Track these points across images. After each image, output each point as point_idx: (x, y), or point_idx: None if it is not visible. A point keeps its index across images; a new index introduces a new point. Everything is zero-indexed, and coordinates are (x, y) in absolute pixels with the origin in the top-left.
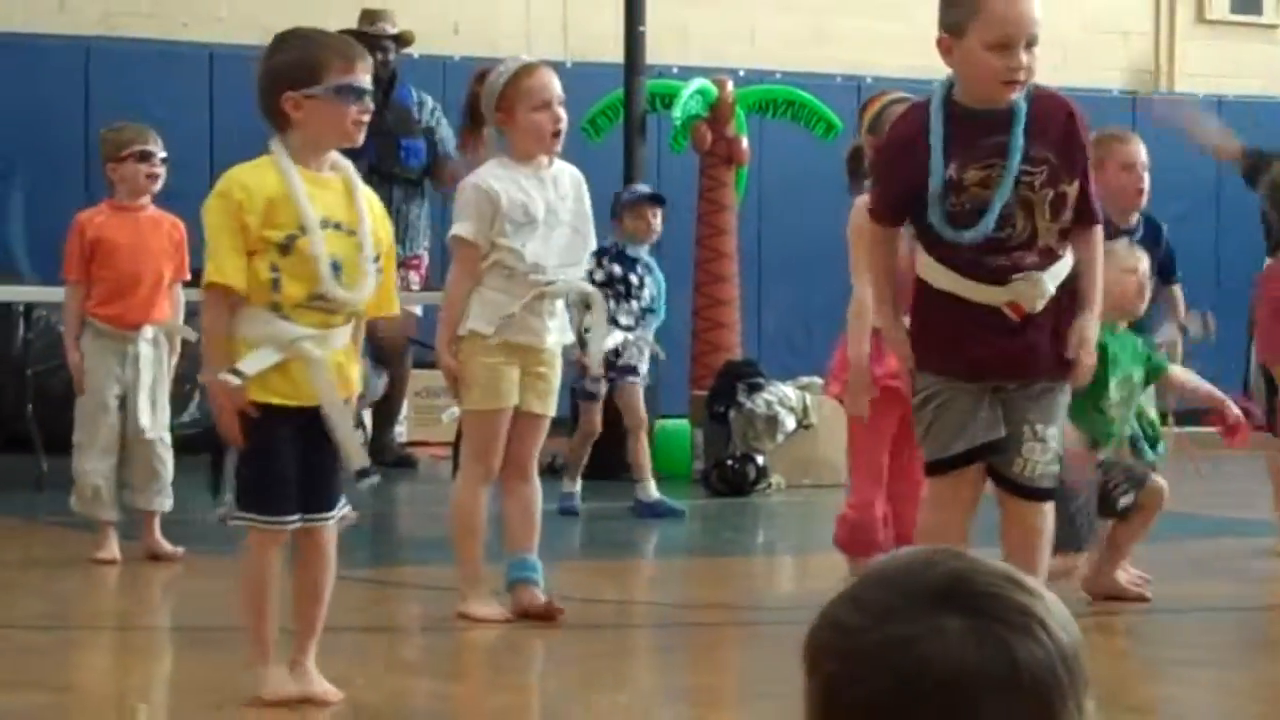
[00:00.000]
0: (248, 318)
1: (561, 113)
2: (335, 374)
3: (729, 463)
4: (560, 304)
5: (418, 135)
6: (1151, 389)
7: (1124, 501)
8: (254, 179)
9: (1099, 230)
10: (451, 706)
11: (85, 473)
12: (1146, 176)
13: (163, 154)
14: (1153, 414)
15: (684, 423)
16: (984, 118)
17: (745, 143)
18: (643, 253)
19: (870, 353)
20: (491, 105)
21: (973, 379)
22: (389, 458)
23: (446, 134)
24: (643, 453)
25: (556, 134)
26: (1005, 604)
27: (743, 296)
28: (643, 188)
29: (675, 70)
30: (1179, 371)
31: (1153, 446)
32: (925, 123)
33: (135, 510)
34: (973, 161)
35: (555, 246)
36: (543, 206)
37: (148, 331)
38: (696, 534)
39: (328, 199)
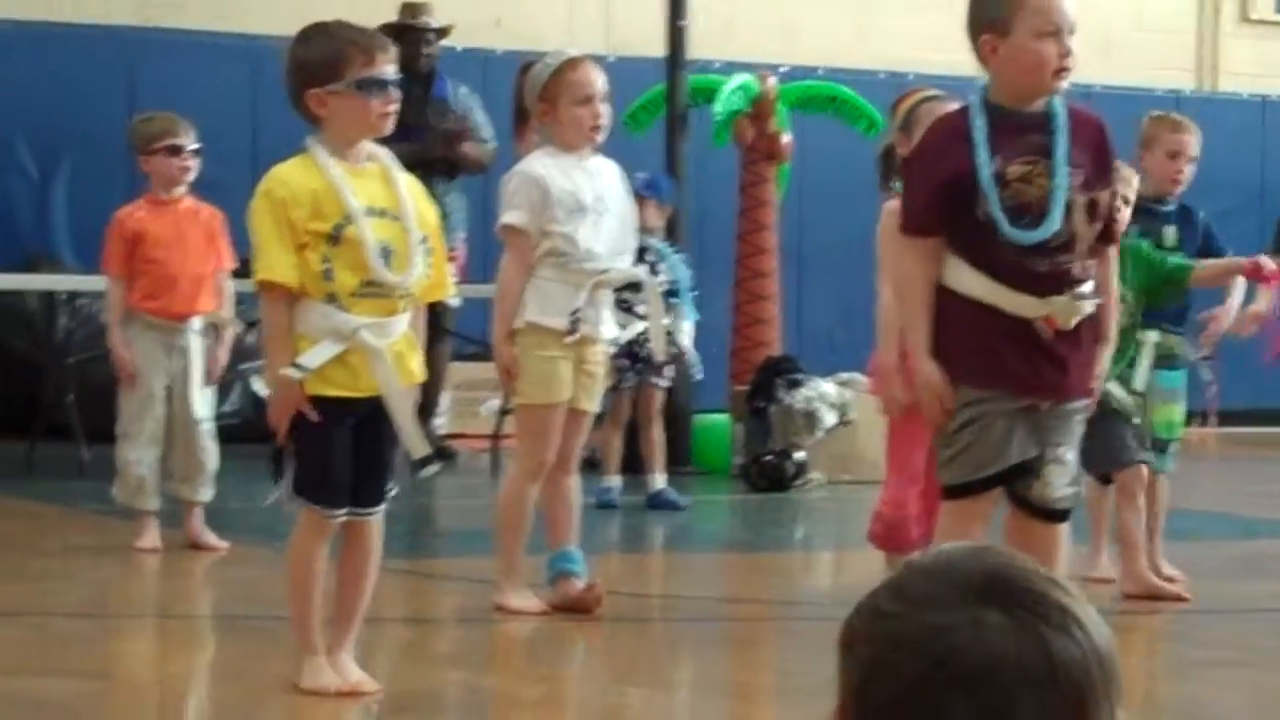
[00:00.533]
0: (305, 312)
1: (603, 108)
2: (395, 363)
3: (768, 458)
4: (611, 295)
5: (455, 127)
6: (1182, 388)
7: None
8: (295, 175)
9: (1115, 250)
10: (485, 699)
11: (130, 463)
12: (1188, 169)
13: (194, 145)
14: (1176, 415)
15: (724, 418)
16: (1022, 118)
17: (787, 139)
18: (651, 241)
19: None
20: (534, 97)
21: (1016, 394)
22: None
23: (481, 119)
24: (651, 445)
25: (596, 128)
26: (1044, 601)
27: (784, 292)
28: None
29: (718, 65)
30: (1202, 265)
31: (1162, 452)
32: (965, 122)
33: (179, 500)
34: (1015, 156)
35: (605, 234)
36: (591, 194)
37: (195, 323)
38: (735, 529)
39: (369, 188)
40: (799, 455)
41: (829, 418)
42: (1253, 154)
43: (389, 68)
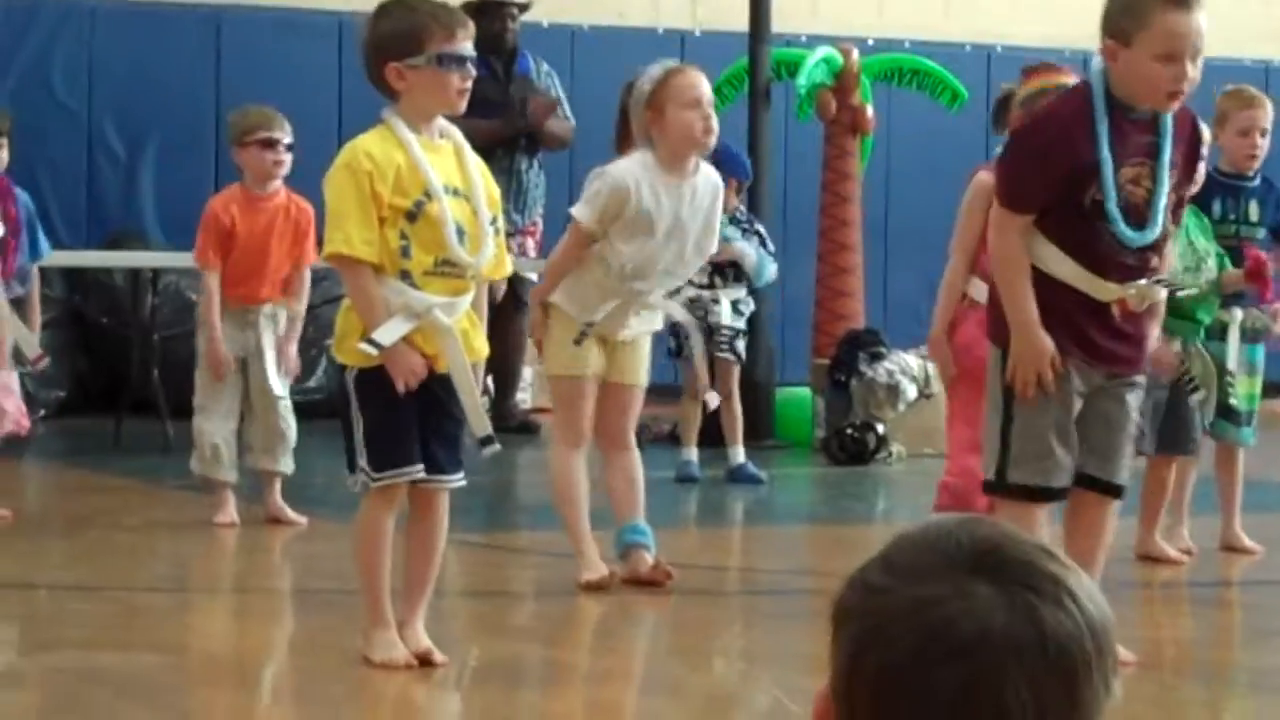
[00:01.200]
0: (380, 287)
1: (711, 112)
2: (461, 340)
3: (849, 431)
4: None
5: None
6: (1260, 360)
7: (1196, 396)
8: (379, 148)
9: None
10: (557, 672)
11: (205, 432)
12: (1263, 143)
13: (288, 139)
14: (1256, 388)
15: (805, 391)
16: (1136, 116)
17: (870, 111)
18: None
19: (960, 327)
20: (641, 106)
21: (1088, 362)
22: (511, 423)
23: (561, 95)
24: (731, 418)
25: (708, 131)
26: (1036, 572)
27: (869, 265)
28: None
29: (804, 39)
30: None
31: (1242, 425)
32: (1087, 112)
33: (259, 471)
34: (1128, 157)
35: (665, 257)
36: (669, 218)
37: (267, 307)
38: (817, 502)
39: (444, 165)
40: (880, 428)
41: (910, 391)
42: None
43: (468, 44)
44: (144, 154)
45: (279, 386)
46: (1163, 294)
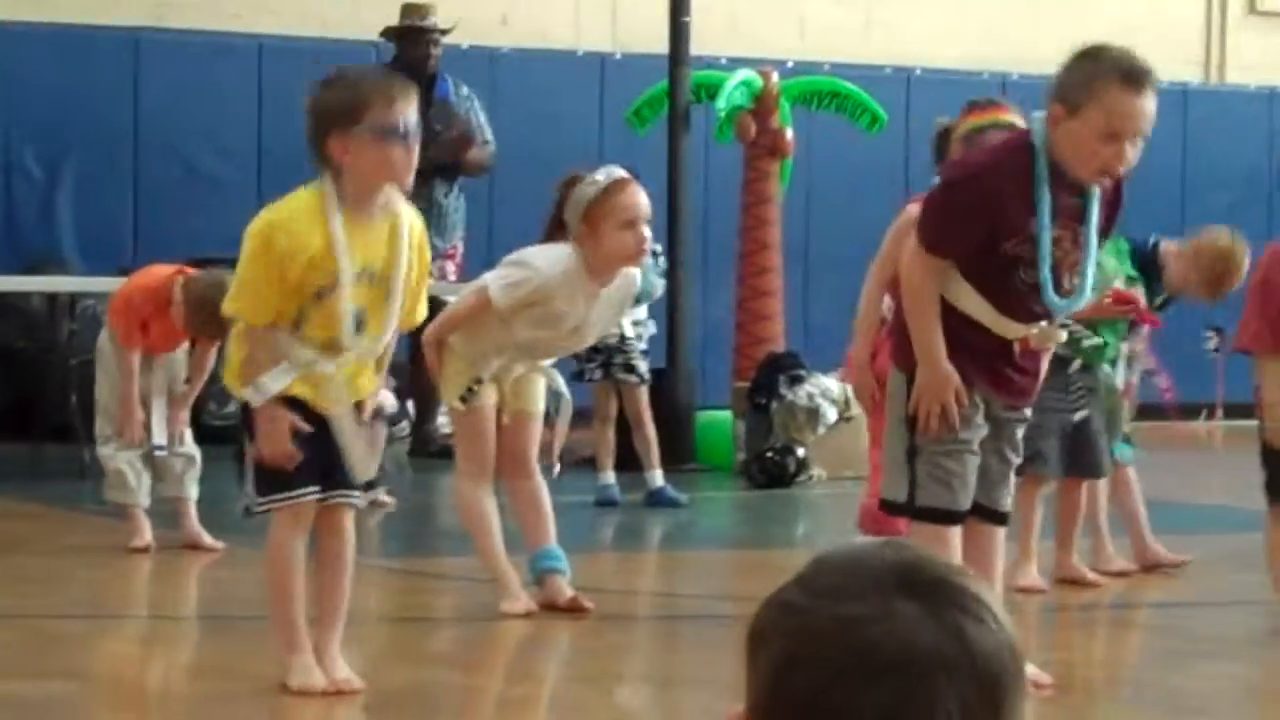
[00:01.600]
0: (270, 332)
1: (647, 231)
2: (346, 383)
3: (770, 454)
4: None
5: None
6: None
7: (1080, 414)
8: (302, 227)
9: None
10: (472, 697)
11: (110, 457)
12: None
13: None
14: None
15: (726, 414)
16: (1068, 179)
17: (790, 134)
18: None
19: (880, 351)
20: (577, 216)
21: (993, 393)
22: (432, 448)
23: (482, 120)
24: (645, 442)
25: (641, 253)
26: (958, 590)
27: (789, 288)
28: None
29: (724, 61)
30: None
31: (1126, 441)
32: (1027, 174)
33: (170, 499)
34: (1054, 219)
35: (559, 345)
36: (577, 319)
37: (162, 356)
38: (737, 525)
39: (369, 245)
40: (801, 451)
41: (830, 414)
42: (1260, 146)
43: (410, 114)
44: (62, 177)
45: (160, 436)
46: (1064, 337)
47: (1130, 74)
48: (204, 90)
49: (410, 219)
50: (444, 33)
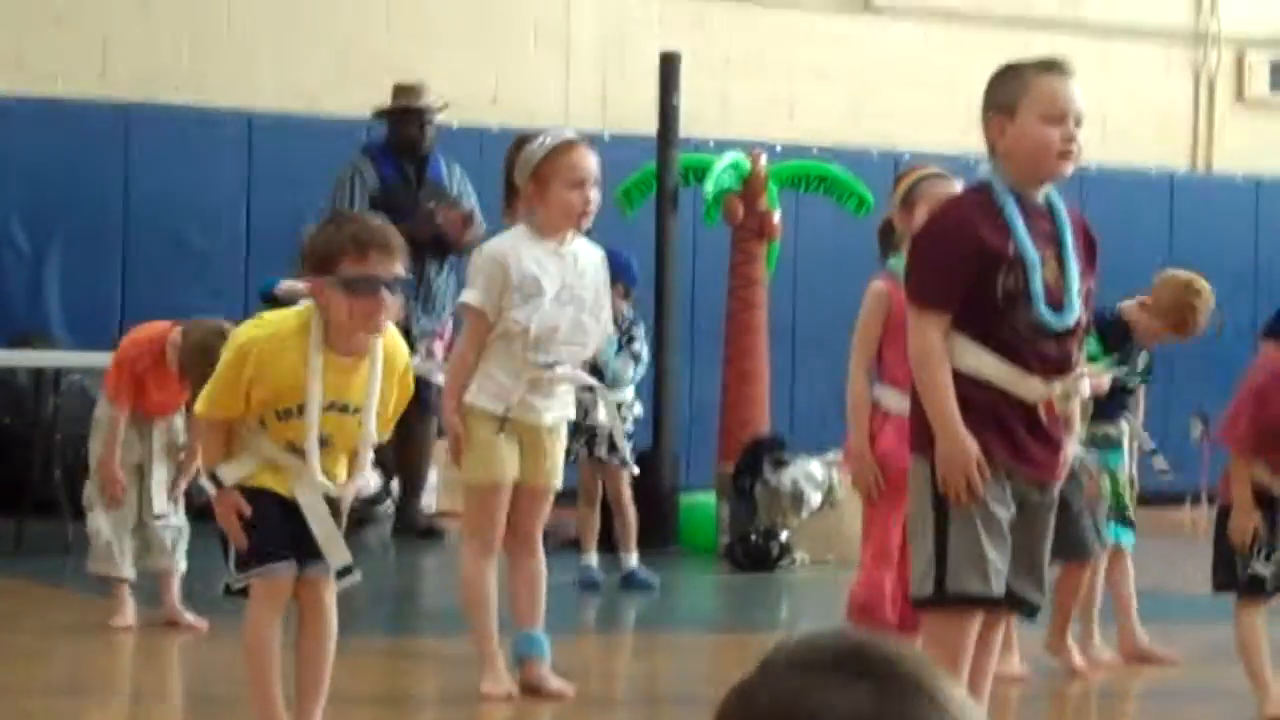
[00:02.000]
0: (226, 434)
1: (594, 194)
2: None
3: (753, 538)
4: (562, 385)
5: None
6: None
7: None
8: (280, 352)
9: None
10: None
11: (98, 530)
12: None
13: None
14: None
15: (710, 496)
16: (1032, 206)
17: (777, 217)
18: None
19: (878, 437)
20: (526, 175)
21: (1016, 468)
22: (417, 527)
23: (473, 201)
24: (623, 524)
25: (585, 214)
26: (905, 669)
27: (775, 371)
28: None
29: (713, 144)
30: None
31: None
32: (991, 201)
33: (155, 572)
34: (1033, 241)
35: (563, 324)
36: (557, 282)
37: (163, 421)
38: (719, 609)
39: (343, 381)
40: (784, 535)
41: (815, 498)
42: (1247, 235)
43: (386, 266)
44: (50, 252)
45: (161, 504)
46: (1087, 388)
47: (1050, 62)
48: (193, 165)
49: (391, 350)
50: (437, 111)
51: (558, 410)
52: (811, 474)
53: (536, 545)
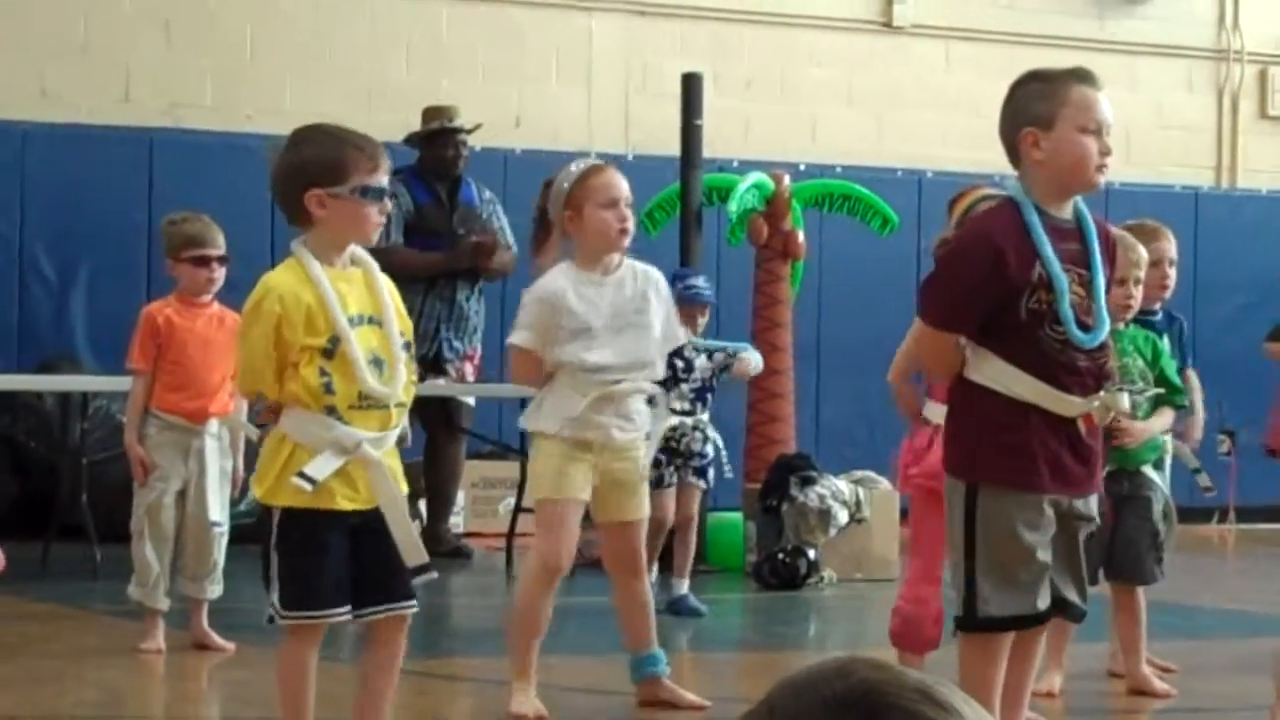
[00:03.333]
0: (306, 423)
1: (628, 212)
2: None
3: (781, 556)
4: (636, 404)
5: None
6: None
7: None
8: (288, 287)
9: None
10: None
11: (148, 561)
12: (1172, 272)
13: (220, 252)
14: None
15: (737, 516)
16: (1059, 223)
17: (801, 237)
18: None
19: (928, 452)
20: (560, 205)
21: (1055, 491)
22: (444, 548)
23: (504, 224)
24: (684, 548)
25: (624, 231)
26: (912, 714)
27: (801, 390)
28: (700, 283)
29: (736, 164)
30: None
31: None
32: (1019, 221)
33: (187, 598)
34: (1060, 263)
35: (622, 350)
36: (606, 312)
37: (212, 425)
38: (747, 628)
39: (355, 294)
40: (812, 553)
41: (842, 516)
42: (1272, 250)
43: (385, 177)
44: (75, 277)
45: (218, 512)
46: (1126, 402)
47: (1082, 74)
48: (217, 191)
49: (381, 275)
50: (469, 132)
51: (631, 431)
52: (839, 492)
53: (640, 568)
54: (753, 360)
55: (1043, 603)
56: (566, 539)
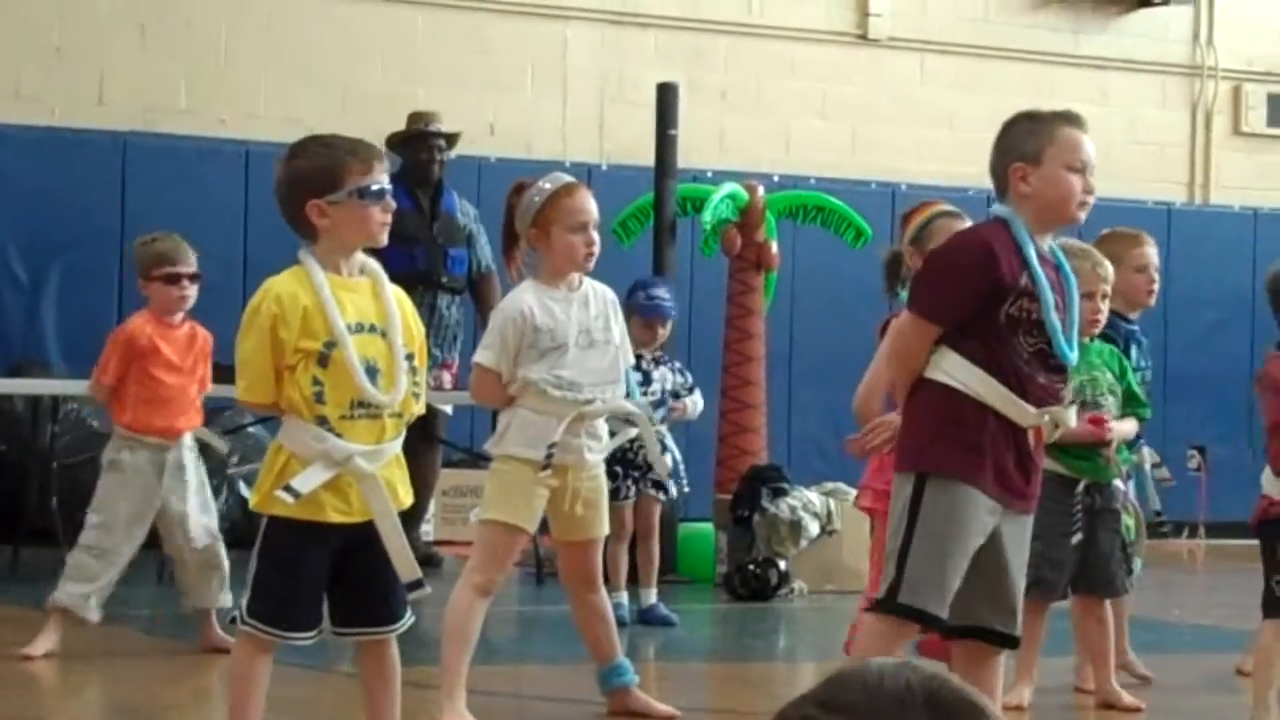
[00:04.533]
0: (297, 432)
1: (595, 235)
2: (386, 489)
3: (751, 567)
4: (601, 421)
5: (462, 244)
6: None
7: (1076, 538)
8: (287, 290)
9: None
10: None
11: (92, 576)
12: (1157, 277)
13: (191, 270)
14: (1129, 521)
15: (708, 526)
16: (1041, 251)
17: (775, 248)
18: (645, 350)
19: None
20: (527, 221)
21: (1001, 498)
22: (416, 554)
23: (485, 242)
24: (647, 558)
25: (589, 255)
26: (982, 714)
27: (772, 401)
28: (663, 294)
29: (710, 175)
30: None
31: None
32: (1011, 236)
33: (196, 611)
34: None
35: (591, 366)
36: (574, 329)
37: (187, 439)
38: (718, 639)
39: (358, 302)
40: (782, 564)
41: (813, 527)
42: (1244, 266)
43: (384, 175)
44: (47, 280)
45: (203, 535)
46: (1074, 417)
47: (1071, 116)
48: (190, 195)
49: (389, 284)
50: (450, 139)
51: (599, 451)
52: (810, 503)
53: (597, 582)
54: (690, 408)
55: (944, 613)
56: (508, 565)
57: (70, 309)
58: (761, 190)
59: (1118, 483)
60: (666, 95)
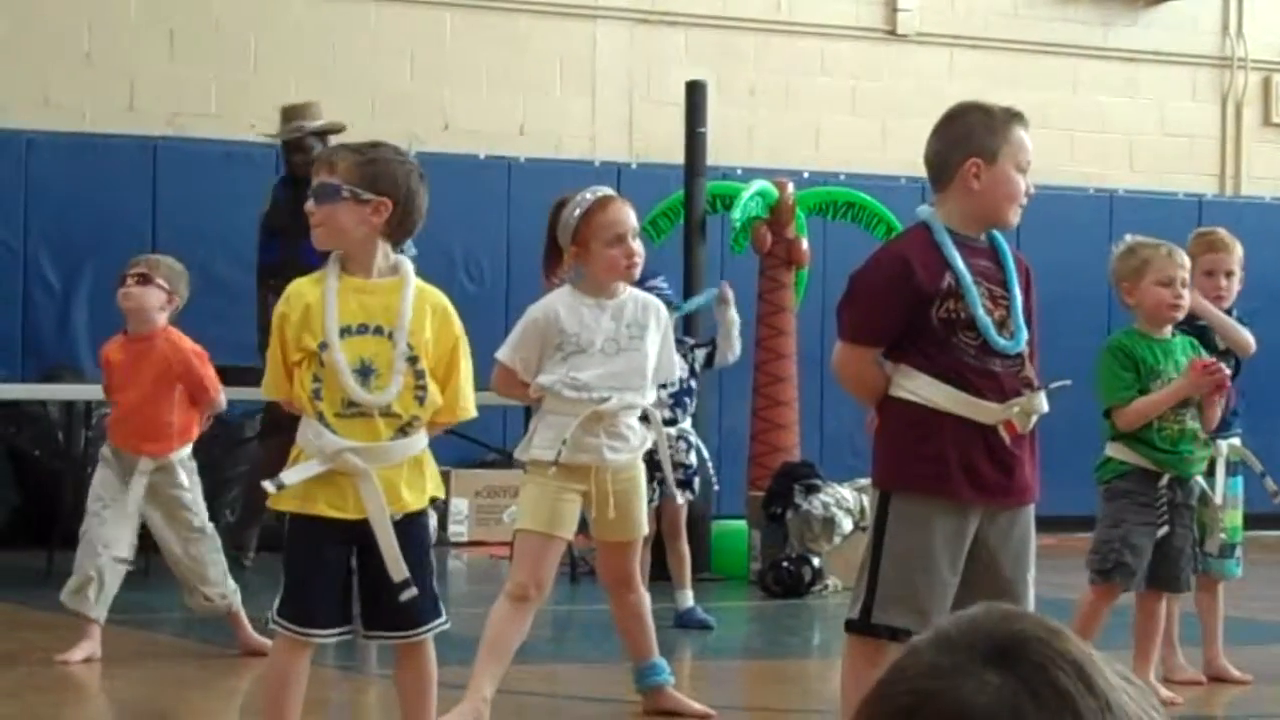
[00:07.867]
0: (304, 428)
1: (637, 245)
2: (385, 489)
3: (785, 564)
4: (628, 421)
5: None
6: (1241, 493)
7: (1162, 531)
8: (296, 290)
9: None
10: None
11: (82, 565)
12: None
13: (138, 271)
14: (1238, 520)
15: (741, 524)
16: (971, 242)
17: (805, 244)
18: None
19: None
20: (567, 238)
21: (971, 499)
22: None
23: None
24: (678, 561)
25: (631, 266)
26: (1047, 669)
27: (805, 398)
28: (660, 283)
29: (740, 172)
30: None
31: (1228, 556)
32: (930, 241)
33: (225, 616)
34: (975, 280)
35: (612, 372)
36: (601, 335)
37: (146, 464)
38: (752, 635)
39: (368, 303)
40: (816, 561)
41: (846, 523)
42: (1275, 256)
43: (328, 177)
44: (79, 286)
45: (181, 551)
46: (1045, 404)
47: (1020, 115)
48: (220, 199)
49: (424, 289)
50: (318, 135)
51: (625, 452)
52: (843, 499)
53: (635, 582)
54: (736, 322)
55: (921, 627)
56: (546, 574)
57: (102, 314)
58: (791, 187)
59: (1199, 478)
60: (695, 93)
